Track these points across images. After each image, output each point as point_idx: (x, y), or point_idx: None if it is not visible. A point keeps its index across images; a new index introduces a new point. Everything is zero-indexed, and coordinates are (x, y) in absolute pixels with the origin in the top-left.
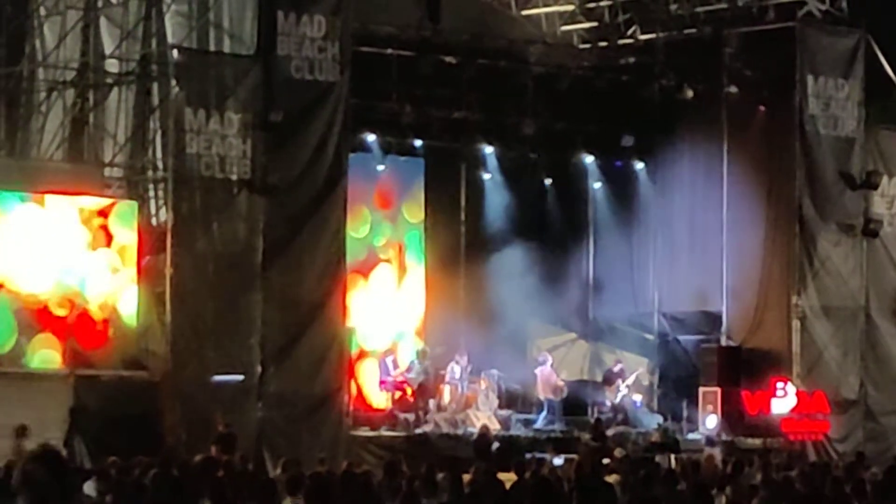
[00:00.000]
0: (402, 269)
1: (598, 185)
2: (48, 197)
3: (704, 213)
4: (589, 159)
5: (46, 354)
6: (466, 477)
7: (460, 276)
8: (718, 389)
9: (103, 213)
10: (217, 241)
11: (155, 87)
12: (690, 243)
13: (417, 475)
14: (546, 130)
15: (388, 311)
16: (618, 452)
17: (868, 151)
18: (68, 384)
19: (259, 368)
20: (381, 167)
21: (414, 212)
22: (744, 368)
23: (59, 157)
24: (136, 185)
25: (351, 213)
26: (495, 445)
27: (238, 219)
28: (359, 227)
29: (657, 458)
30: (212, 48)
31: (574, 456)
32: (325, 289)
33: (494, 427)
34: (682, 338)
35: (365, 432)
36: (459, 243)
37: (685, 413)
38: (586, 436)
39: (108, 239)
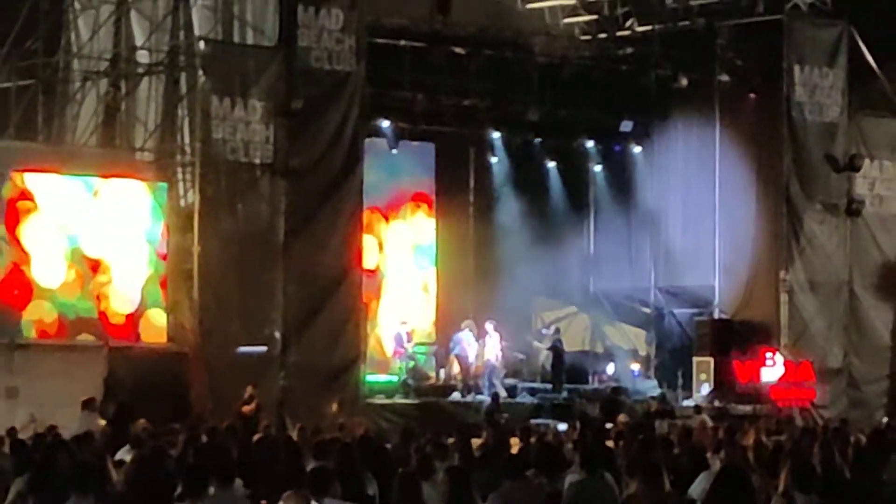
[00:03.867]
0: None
1: (598, 167)
2: None
3: (698, 193)
4: (590, 144)
5: None
6: (476, 441)
7: (469, 254)
8: (711, 359)
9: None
10: (241, 221)
11: (183, 76)
12: (685, 222)
13: (430, 440)
14: (549, 117)
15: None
16: (622, 418)
17: (851, 136)
18: (103, 356)
19: (281, 340)
20: (394, 151)
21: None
22: (735, 339)
23: (92, 142)
24: (165, 169)
25: None
26: (504, 416)
27: (261, 200)
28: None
29: (656, 424)
30: (236, 40)
31: (576, 422)
32: (343, 265)
33: (502, 395)
34: (676, 311)
35: (380, 400)
36: (468, 223)
37: (680, 381)
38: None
39: None
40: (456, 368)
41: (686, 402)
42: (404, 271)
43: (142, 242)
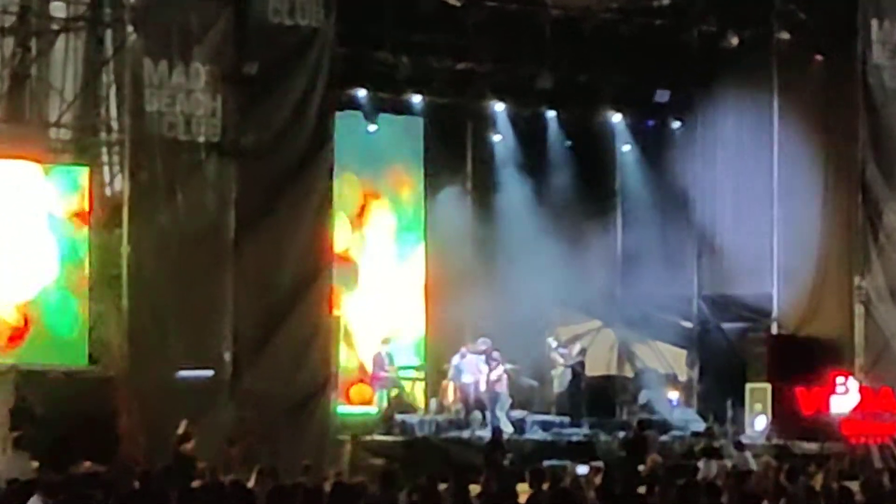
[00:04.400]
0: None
1: (627, 147)
2: None
3: (752, 179)
4: (616, 118)
5: None
6: (474, 488)
7: (467, 256)
8: (768, 385)
9: None
10: (182, 214)
11: (108, 34)
12: (735, 215)
13: (418, 487)
14: (566, 84)
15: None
16: (653, 459)
17: None
18: (9, 381)
19: (231, 362)
20: (373, 127)
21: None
22: (798, 361)
23: None
24: (86, 149)
25: None
26: (509, 456)
27: (206, 188)
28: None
29: (699, 466)
30: None
31: (600, 464)
32: (309, 270)
33: (507, 430)
34: (725, 325)
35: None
36: (465, 217)
37: (730, 413)
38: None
39: None
40: (451, 396)
41: (738, 439)
42: (386, 263)
43: (43, 238)
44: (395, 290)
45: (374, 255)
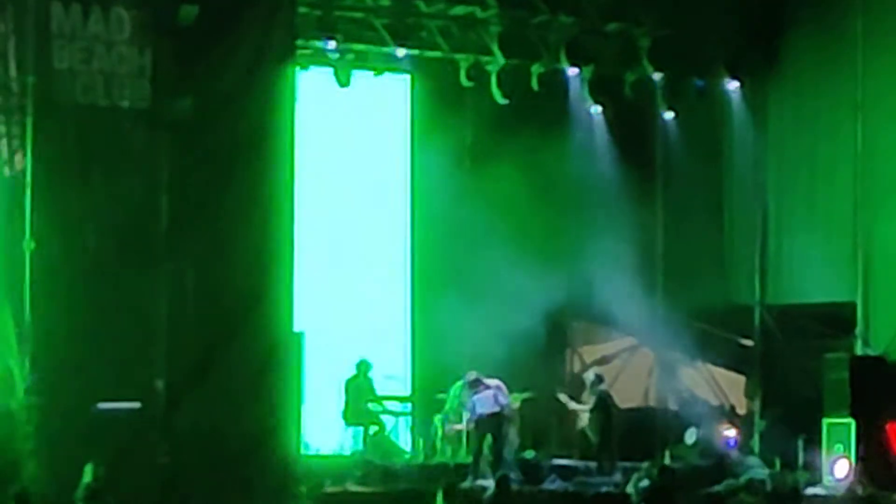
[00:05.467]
0: None
1: (670, 114)
2: None
3: (831, 157)
4: (657, 76)
5: None
6: None
7: (465, 252)
8: (852, 421)
9: None
10: (101, 202)
11: None
12: (810, 203)
13: None
14: (591, 33)
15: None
16: None
17: None
18: None
19: (164, 392)
20: (346, 89)
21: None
22: (889, 389)
23: None
24: None
25: None
26: None
27: (132, 168)
28: None
29: None
30: None
31: None
32: (263, 274)
33: (517, 478)
34: (796, 344)
35: (326, 487)
36: (463, 202)
37: (802, 456)
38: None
39: None
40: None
41: (812, 490)
42: (361, 264)
43: None
44: (372, 302)
45: (347, 251)
